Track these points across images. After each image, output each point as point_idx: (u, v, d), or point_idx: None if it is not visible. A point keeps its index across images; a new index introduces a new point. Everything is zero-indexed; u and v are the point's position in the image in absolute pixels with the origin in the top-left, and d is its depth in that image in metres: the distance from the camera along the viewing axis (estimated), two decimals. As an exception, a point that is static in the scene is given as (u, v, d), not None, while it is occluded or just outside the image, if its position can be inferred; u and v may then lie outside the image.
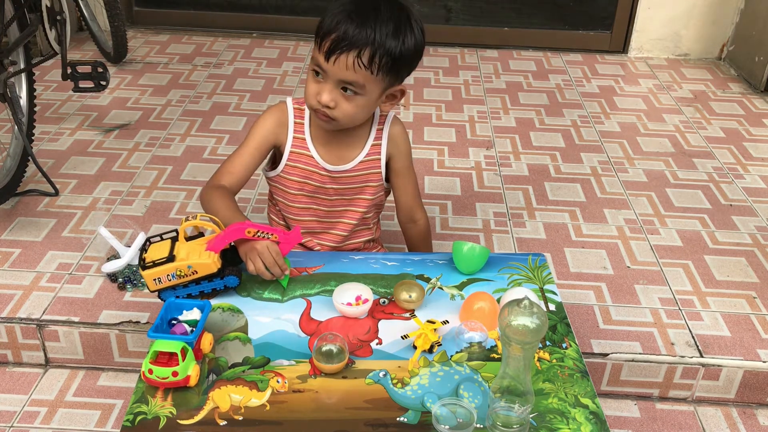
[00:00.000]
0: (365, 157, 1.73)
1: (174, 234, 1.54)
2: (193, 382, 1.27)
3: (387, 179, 1.81)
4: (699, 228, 2.40)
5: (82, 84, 2.72)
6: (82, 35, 3.79)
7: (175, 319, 1.37)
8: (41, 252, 2.15)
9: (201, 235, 1.54)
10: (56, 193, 2.42)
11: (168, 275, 1.46)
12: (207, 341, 1.35)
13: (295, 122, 1.72)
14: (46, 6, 2.56)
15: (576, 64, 3.74)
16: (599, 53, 3.89)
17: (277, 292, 1.54)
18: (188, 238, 1.52)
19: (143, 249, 1.52)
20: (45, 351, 1.93)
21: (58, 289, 2.01)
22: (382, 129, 1.74)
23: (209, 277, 1.48)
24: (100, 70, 2.70)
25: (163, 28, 4.00)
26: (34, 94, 2.47)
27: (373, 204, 1.82)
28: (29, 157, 2.35)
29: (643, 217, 2.45)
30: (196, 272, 1.46)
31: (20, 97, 2.41)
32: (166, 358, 1.26)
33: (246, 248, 1.50)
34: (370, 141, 1.73)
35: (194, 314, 1.37)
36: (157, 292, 1.50)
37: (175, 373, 1.25)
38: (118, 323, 1.89)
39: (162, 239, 1.54)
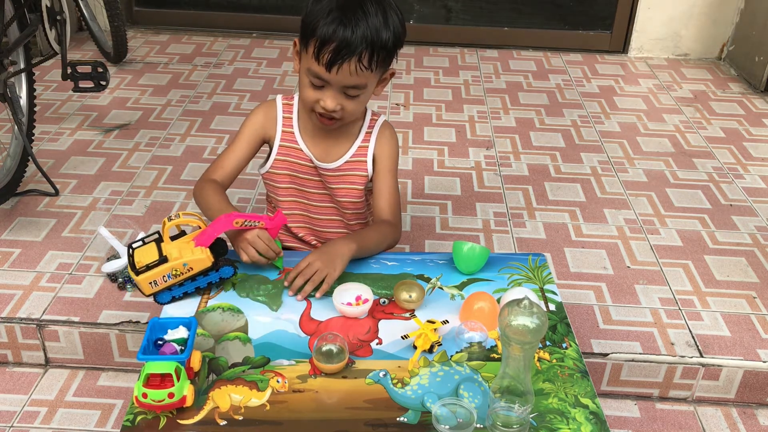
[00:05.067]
0: (351, 157, 1.73)
1: (156, 236, 1.53)
2: (189, 402, 1.24)
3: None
4: (699, 228, 2.40)
5: (82, 84, 2.72)
6: (82, 35, 3.79)
7: (161, 339, 1.33)
8: (41, 252, 2.15)
9: (183, 233, 1.53)
10: (56, 193, 2.43)
11: (163, 276, 1.45)
12: (196, 359, 1.32)
13: (283, 117, 1.73)
14: (46, 6, 2.56)
15: (576, 64, 3.74)
16: (599, 53, 3.89)
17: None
18: (171, 238, 1.52)
19: (129, 256, 1.49)
20: (45, 351, 1.93)
21: (58, 289, 2.01)
22: (371, 132, 1.74)
23: (205, 272, 1.48)
24: (100, 70, 2.70)
25: (163, 28, 4.00)
26: (34, 94, 2.47)
27: (357, 211, 1.80)
28: (29, 157, 2.36)
29: (643, 217, 2.45)
30: (192, 269, 1.46)
31: (20, 97, 2.41)
32: (158, 380, 1.23)
33: (237, 239, 1.53)
34: (358, 142, 1.73)
35: (180, 333, 1.34)
36: (153, 296, 1.48)
37: (171, 395, 1.21)
38: (118, 323, 1.89)
39: (144, 243, 1.52)
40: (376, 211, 1.76)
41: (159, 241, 1.51)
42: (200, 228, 1.51)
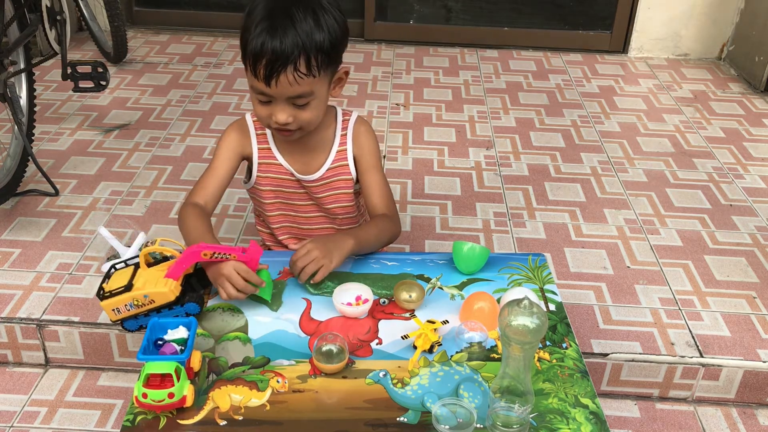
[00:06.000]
0: (332, 164, 1.70)
1: (137, 260, 1.47)
2: (189, 402, 1.24)
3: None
4: (699, 228, 2.40)
5: (82, 84, 2.72)
6: (82, 35, 3.79)
7: (161, 339, 1.33)
8: (41, 252, 2.15)
9: (167, 259, 1.47)
10: (56, 193, 2.43)
11: (126, 305, 1.39)
12: (196, 359, 1.32)
13: (257, 134, 1.70)
14: (46, 6, 2.56)
15: (576, 64, 3.74)
16: (599, 53, 3.89)
17: (271, 301, 1.52)
18: (155, 263, 1.46)
19: (106, 276, 1.46)
20: (45, 351, 1.93)
21: (58, 289, 2.01)
22: (345, 134, 1.71)
23: (169, 305, 1.40)
24: (100, 70, 2.71)
25: (163, 28, 4.00)
26: (34, 94, 2.47)
27: (348, 216, 1.79)
28: (29, 157, 2.36)
29: (643, 217, 2.45)
30: (153, 301, 1.39)
31: (20, 97, 2.41)
32: (158, 380, 1.22)
33: (214, 274, 1.43)
34: (335, 147, 1.70)
35: (180, 333, 1.34)
36: (119, 322, 1.43)
37: (171, 395, 1.21)
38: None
39: (126, 266, 1.48)
40: (370, 208, 1.73)
41: (138, 266, 1.46)
42: (174, 258, 1.44)
